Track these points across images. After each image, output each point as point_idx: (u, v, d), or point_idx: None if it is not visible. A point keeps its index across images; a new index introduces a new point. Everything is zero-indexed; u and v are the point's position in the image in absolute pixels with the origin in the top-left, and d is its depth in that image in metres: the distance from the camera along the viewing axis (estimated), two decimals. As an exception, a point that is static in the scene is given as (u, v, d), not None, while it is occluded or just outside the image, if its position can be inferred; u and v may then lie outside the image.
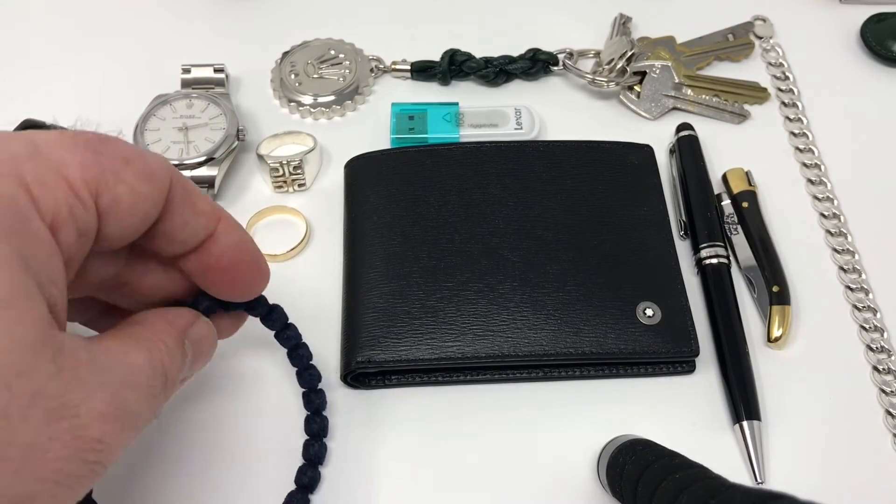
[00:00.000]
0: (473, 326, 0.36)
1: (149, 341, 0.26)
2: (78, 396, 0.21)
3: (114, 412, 0.22)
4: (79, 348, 0.22)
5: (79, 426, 0.21)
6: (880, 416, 0.36)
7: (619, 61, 0.46)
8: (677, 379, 0.37)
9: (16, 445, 0.19)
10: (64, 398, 0.20)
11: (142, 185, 0.24)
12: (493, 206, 0.39)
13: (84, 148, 0.23)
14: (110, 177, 0.23)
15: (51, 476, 0.20)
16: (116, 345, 0.24)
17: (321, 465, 0.34)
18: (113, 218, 0.24)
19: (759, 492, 0.25)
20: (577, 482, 0.34)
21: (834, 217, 0.42)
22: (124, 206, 0.24)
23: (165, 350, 0.26)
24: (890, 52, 0.48)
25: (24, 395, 0.19)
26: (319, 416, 0.35)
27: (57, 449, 0.20)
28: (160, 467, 0.34)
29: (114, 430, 0.22)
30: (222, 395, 0.36)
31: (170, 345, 0.26)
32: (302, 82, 0.46)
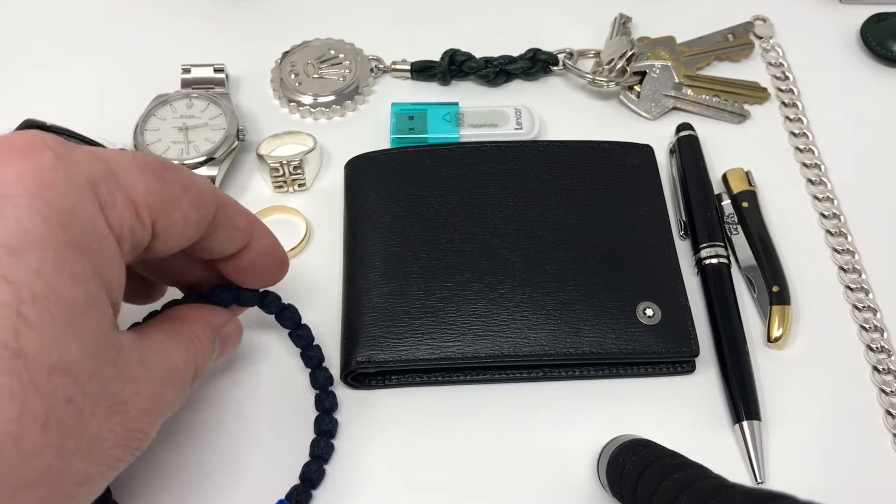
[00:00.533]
0: (473, 326, 0.36)
1: (188, 339, 0.28)
2: (129, 393, 0.24)
3: (154, 407, 0.25)
4: (132, 348, 0.25)
5: (128, 419, 0.24)
6: (880, 416, 0.36)
7: (619, 61, 0.46)
8: (677, 379, 0.37)
9: (85, 437, 0.22)
10: (119, 396, 0.23)
11: (193, 213, 0.27)
12: (493, 206, 0.39)
13: (151, 174, 0.25)
14: (170, 203, 0.26)
15: (106, 461, 0.23)
16: (162, 340, 0.27)
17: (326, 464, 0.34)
18: (163, 238, 0.26)
19: (759, 492, 0.25)
20: (577, 482, 0.34)
21: (834, 217, 0.42)
22: (176, 230, 0.26)
23: (200, 347, 0.29)
24: (890, 52, 0.48)
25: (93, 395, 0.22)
26: (329, 417, 0.35)
27: (112, 439, 0.23)
28: (168, 457, 0.34)
29: (152, 422, 0.25)
30: (228, 395, 0.36)
31: (205, 343, 0.29)
32: (302, 82, 0.46)
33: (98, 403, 0.22)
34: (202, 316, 0.30)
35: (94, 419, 0.22)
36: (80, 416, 0.22)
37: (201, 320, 0.30)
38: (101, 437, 0.23)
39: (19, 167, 0.22)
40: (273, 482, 0.34)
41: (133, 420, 0.24)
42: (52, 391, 0.21)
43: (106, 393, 0.23)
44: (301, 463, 0.34)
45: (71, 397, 0.21)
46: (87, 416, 0.22)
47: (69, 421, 0.21)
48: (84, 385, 0.22)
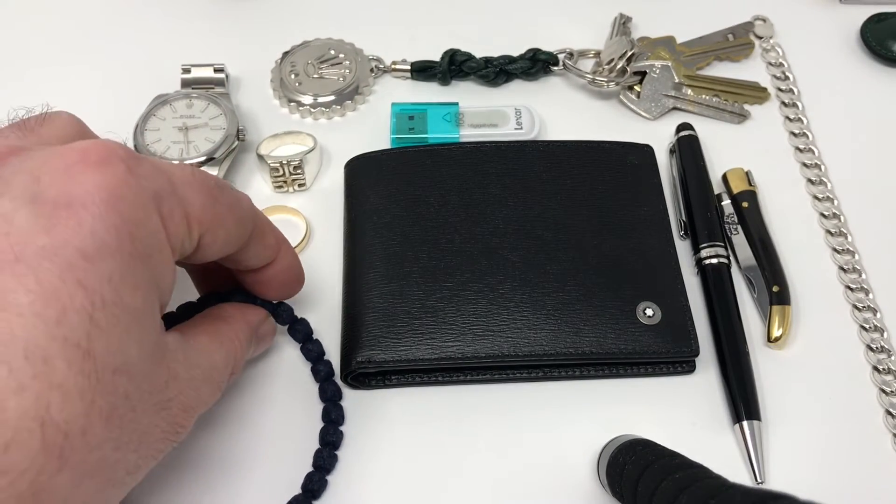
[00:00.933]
0: (473, 326, 0.36)
1: (230, 341, 0.30)
2: (174, 392, 0.26)
3: (194, 403, 0.27)
4: (178, 349, 0.27)
5: (171, 416, 0.26)
6: (880, 416, 0.36)
7: (619, 61, 0.46)
8: (677, 379, 0.37)
9: (137, 432, 0.24)
10: (166, 394, 0.25)
11: (235, 230, 0.29)
12: (493, 206, 0.39)
13: (207, 193, 0.27)
14: (217, 221, 0.28)
15: (151, 453, 0.26)
16: (205, 343, 0.29)
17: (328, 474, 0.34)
18: (205, 250, 0.28)
19: (759, 492, 0.25)
20: (577, 482, 0.34)
21: (834, 217, 0.42)
22: (218, 244, 0.28)
23: (239, 347, 0.31)
24: (890, 52, 0.48)
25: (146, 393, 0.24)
26: (335, 428, 0.35)
27: (157, 433, 0.25)
28: (172, 465, 0.34)
29: (191, 417, 0.27)
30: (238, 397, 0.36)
31: (244, 342, 0.31)
32: (302, 82, 0.46)
33: (149, 401, 0.24)
34: (243, 317, 0.32)
35: (145, 415, 0.24)
36: (134, 412, 0.24)
37: (242, 321, 0.32)
38: (149, 432, 0.25)
39: (96, 178, 0.23)
40: (275, 490, 0.34)
41: (175, 416, 0.26)
42: (115, 390, 0.23)
43: (155, 391, 0.25)
44: (303, 474, 0.34)
45: (129, 395, 0.23)
46: (140, 412, 0.24)
47: (126, 417, 0.23)
48: (140, 384, 0.24)
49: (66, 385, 0.21)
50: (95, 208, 0.23)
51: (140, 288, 0.24)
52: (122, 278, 0.23)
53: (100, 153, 0.24)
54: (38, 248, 0.22)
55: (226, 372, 0.30)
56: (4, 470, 0.20)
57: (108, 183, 0.23)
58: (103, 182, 0.23)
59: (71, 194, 0.23)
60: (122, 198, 0.23)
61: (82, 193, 0.23)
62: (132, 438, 0.24)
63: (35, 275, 0.21)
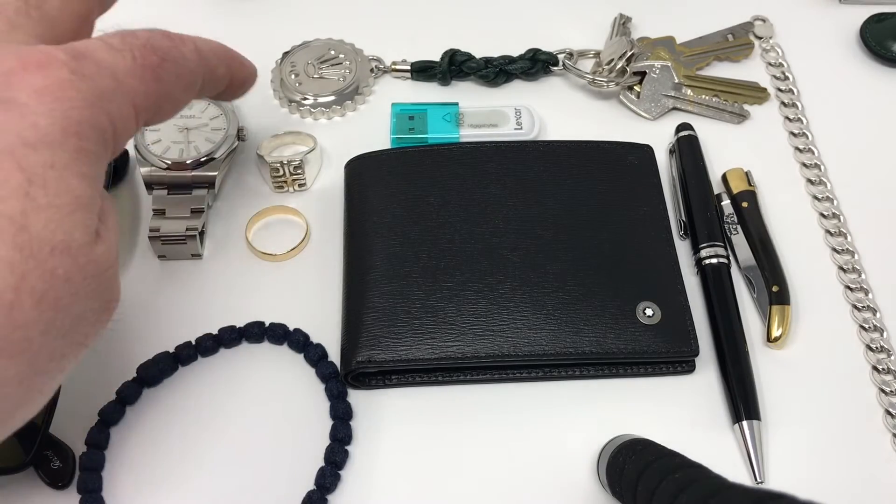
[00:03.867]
0: (473, 326, 0.36)
1: None
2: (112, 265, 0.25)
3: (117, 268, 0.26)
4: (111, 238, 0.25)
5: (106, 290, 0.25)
6: (880, 416, 0.36)
7: (619, 61, 0.46)
8: (677, 379, 0.37)
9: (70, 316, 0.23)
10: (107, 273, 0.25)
11: (184, 95, 0.30)
12: (493, 206, 0.39)
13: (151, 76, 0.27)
14: (163, 98, 0.28)
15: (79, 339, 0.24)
16: None
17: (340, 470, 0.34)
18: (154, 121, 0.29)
19: (759, 491, 0.25)
20: (577, 482, 0.34)
21: (834, 217, 0.42)
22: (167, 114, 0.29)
23: None
24: (890, 52, 0.48)
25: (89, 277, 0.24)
26: (345, 424, 0.35)
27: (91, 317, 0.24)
28: (184, 459, 0.34)
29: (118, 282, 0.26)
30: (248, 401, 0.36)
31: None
32: (302, 82, 0.46)
33: (91, 284, 0.24)
34: None
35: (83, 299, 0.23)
36: (74, 297, 0.23)
37: None
38: (83, 316, 0.24)
39: (37, 81, 0.23)
40: (290, 483, 0.34)
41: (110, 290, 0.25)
42: (52, 269, 0.22)
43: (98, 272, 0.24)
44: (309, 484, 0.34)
45: (70, 278, 0.23)
46: (80, 296, 0.23)
47: (63, 300, 0.23)
48: (84, 267, 0.23)
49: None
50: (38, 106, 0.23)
51: (87, 177, 0.24)
52: (66, 166, 0.23)
53: (39, 58, 0.24)
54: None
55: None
56: None
57: (49, 84, 0.23)
58: (44, 83, 0.23)
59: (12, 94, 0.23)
60: (67, 98, 0.24)
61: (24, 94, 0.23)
62: (63, 323, 0.23)
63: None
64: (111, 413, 0.35)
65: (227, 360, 0.37)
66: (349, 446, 0.35)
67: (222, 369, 0.37)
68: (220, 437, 0.35)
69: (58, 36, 0.28)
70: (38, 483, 0.34)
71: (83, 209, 0.23)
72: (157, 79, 0.27)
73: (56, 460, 0.34)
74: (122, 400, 0.36)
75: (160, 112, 0.29)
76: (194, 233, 0.39)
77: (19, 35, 0.26)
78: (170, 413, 0.36)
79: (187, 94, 0.30)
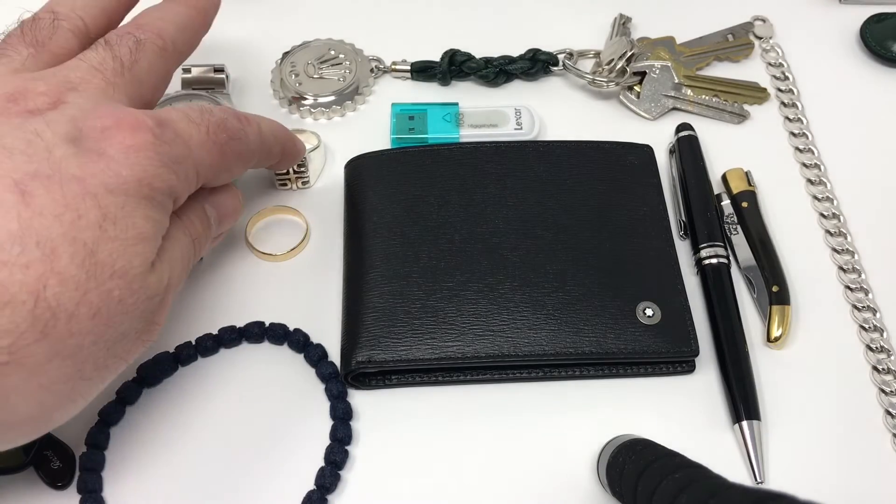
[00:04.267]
0: (473, 326, 0.36)
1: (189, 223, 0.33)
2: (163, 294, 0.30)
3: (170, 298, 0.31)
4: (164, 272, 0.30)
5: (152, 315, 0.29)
6: (880, 416, 0.36)
7: (618, 61, 0.46)
8: (677, 379, 0.37)
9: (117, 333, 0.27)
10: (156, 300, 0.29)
11: (239, 168, 0.35)
12: (492, 206, 0.39)
13: (218, 151, 0.32)
14: (223, 170, 0.33)
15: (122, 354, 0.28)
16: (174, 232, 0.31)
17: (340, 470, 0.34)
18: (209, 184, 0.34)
19: (759, 491, 0.25)
20: (577, 482, 0.34)
21: (834, 217, 0.42)
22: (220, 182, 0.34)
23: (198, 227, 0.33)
24: (890, 52, 0.48)
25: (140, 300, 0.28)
26: (345, 425, 0.35)
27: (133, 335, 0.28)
28: (185, 460, 0.34)
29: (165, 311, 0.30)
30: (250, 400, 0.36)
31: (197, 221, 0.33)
32: (302, 82, 0.46)
33: (140, 306, 0.28)
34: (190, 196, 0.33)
35: (131, 319, 0.28)
36: (124, 316, 0.27)
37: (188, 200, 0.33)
38: (127, 334, 0.28)
39: (126, 140, 0.28)
40: (289, 483, 0.34)
41: (155, 314, 0.29)
42: (109, 291, 0.26)
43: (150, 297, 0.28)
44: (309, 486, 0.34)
45: (122, 299, 0.27)
46: (129, 316, 0.27)
47: (115, 318, 0.27)
48: (136, 291, 0.27)
49: (65, 273, 0.25)
50: (123, 159, 0.28)
51: (151, 220, 0.28)
52: (135, 209, 0.28)
53: (131, 121, 0.29)
54: (70, 175, 0.26)
55: (193, 255, 0.33)
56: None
57: (135, 144, 0.28)
58: (132, 143, 0.28)
59: (104, 148, 0.28)
60: (147, 157, 0.28)
61: (114, 149, 0.28)
62: (111, 337, 0.27)
63: (62, 189, 0.26)
64: (111, 413, 0.35)
65: (227, 360, 0.37)
66: (349, 446, 0.35)
67: (222, 369, 0.37)
68: (220, 438, 0.35)
69: (143, 93, 0.33)
70: (38, 483, 0.34)
71: (143, 243, 0.28)
72: (221, 154, 0.32)
73: (56, 460, 0.34)
74: (122, 400, 0.36)
75: (217, 179, 0.34)
76: (194, 233, 0.39)
77: (114, 94, 0.31)
78: (170, 413, 0.36)
79: (243, 167, 0.35)
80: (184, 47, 0.36)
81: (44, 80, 0.30)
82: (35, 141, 0.27)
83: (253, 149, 0.35)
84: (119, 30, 0.34)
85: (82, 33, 0.33)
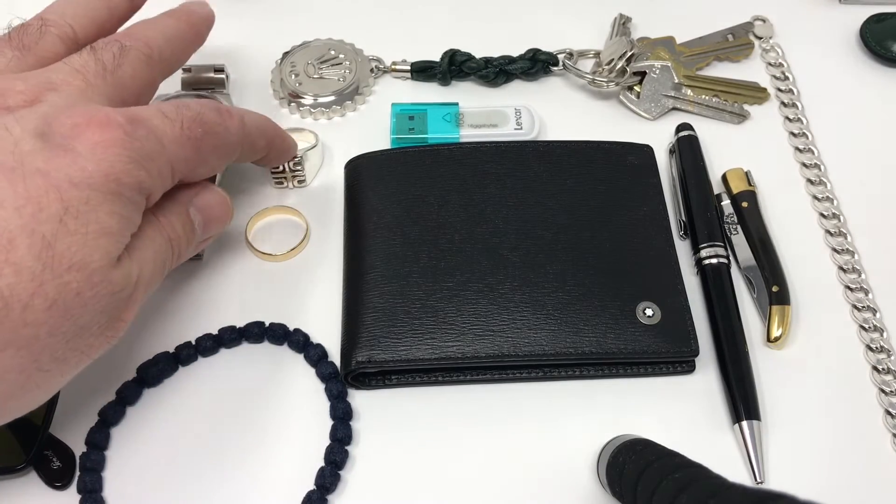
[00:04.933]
0: (473, 326, 0.36)
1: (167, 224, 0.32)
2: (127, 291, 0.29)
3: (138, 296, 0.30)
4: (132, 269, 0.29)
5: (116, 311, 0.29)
6: (880, 416, 0.36)
7: (618, 61, 0.46)
8: (677, 379, 0.37)
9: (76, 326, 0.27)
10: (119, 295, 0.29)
11: (218, 163, 0.34)
12: (492, 206, 0.39)
13: (192, 147, 0.32)
14: (199, 165, 0.33)
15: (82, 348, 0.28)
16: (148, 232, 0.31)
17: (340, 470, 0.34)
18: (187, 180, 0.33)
19: (759, 491, 0.25)
20: (577, 482, 0.34)
21: (834, 217, 0.42)
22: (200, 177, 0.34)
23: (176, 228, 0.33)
24: (890, 52, 0.48)
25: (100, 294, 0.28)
26: (345, 425, 0.35)
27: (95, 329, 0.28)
28: (187, 460, 0.34)
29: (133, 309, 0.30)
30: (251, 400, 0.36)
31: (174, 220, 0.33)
32: (302, 82, 0.46)
33: (101, 301, 0.28)
34: (170, 197, 0.33)
35: (90, 313, 0.27)
36: (83, 308, 0.27)
37: (169, 201, 0.33)
38: (87, 327, 0.28)
39: (95, 136, 0.28)
40: (289, 483, 0.34)
41: (120, 310, 0.29)
42: (66, 283, 0.26)
43: (111, 293, 0.28)
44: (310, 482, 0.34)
45: (80, 292, 0.27)
46: (89, 308, 0.27)
47: (73, 311, 0.27)
48: (96, 286, 0.27)
49: (21, 264, 0.25)
50: (90, 155, 0.28)
51: (117, 215, 0.28)
52: (100, 204, 0.27)
53: (101, 119, 0.28)
54: (35, 168, 0.27)
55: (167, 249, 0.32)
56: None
57: (104, 140, 0.28)
58: (100, 139, 0.28)
59: (72, 144, 0.28)
60: (115, 153, 0.28)
61: (82, 145, 0.28)
62: (69, 330, 0.27)
63: (25, 182, 0.26)
64: (111, 413, 0.35)
65: (227, 360, 0.37)
66: (349, 446, 0.35)
67: (222, 369, 0.37)
68: (221, 438, 0.35)
69: (125, 98, 0.32)
70: (38, 483, 0.34)
71: (106, 238, 0.27)
72: (196, 148, 0.32)
73: (56, 460, 0.34)
74: (123, 400, 0.36)
75: (194, 174, 0.33)
76: (194, 233, 0.39)
77: (93, 95, 0.31)
78: (170, 413, 0.36)
79: (222, 161, 0.34)
80: (171, 58, 0.36)
81: (24, 80, 0.30)
82: (3, 135, 0.27)
83: (233, 142, 0.34)
84: (107, 37, 0.34)
85: (70, 40, 0.34)
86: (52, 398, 0.34)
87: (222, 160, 0.34)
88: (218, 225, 0.36)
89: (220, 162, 0.34)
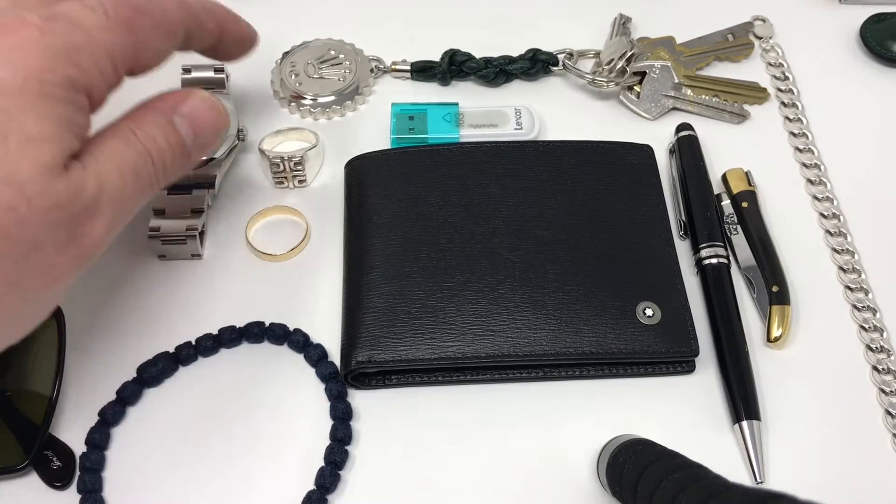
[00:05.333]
0: (473, 326, 0.36)
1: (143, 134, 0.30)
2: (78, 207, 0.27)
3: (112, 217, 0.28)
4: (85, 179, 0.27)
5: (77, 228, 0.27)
6: (880, 416, 0.36)
7: (618, 61, 0.46)
8: (677, 379, 0.37)
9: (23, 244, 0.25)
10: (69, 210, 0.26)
11: (164, 44, 0.31)
12: (493, 206, 0.39)
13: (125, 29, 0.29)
14: (141, 48, 0.30)
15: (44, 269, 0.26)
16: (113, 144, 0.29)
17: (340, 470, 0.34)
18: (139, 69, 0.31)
19: (759, 491, 0.25)
20: (577, 482, 0.34)
21: (834, 217, 0.42)
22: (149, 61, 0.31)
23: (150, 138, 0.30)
24: (890, 52, 0.48)
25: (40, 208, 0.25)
26: (345, 425, 0.35)
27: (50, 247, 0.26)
28: (188, 461, 0.34)
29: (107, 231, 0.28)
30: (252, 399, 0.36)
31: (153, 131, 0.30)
32: (302, 82, 0.46)
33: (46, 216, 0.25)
34: (148, 106, 0.31)
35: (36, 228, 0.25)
36: (21, 225, 0.25)
37: (146, 110, 0.31)
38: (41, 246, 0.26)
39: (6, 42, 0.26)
40: (290, 483, 0.34)
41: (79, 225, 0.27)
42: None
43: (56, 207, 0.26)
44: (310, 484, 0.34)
45: (13, 207, 0.25)
46: (31, 224, 0.25)
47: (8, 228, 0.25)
48: (31, 199, 0.25)
49: None
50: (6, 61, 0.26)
51: (49, 118, 0.26)
52: (22, 110, 0.25)
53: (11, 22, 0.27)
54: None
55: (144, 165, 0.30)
56: None
57: (15, 43, 0.26)
58: (12, 43, 0.26)
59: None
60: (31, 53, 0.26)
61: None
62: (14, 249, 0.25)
63: None
64: (111, 413, 0.35)
65: (227, 360, 0.37)
66: (349, 446, 0.35)
67: (222, 369, 0.37)
68: (221, 438, 0.35)
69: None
70: (38, 483, 0.34)
71: (34, 146, 0.25)
72: (130, 31, 0.29)
73: (56, 460, 0.34)
74: (123, 400, 0.36)
75: (140, 61, 0.30)
76: (194, 233, 0.39)
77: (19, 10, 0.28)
78: (170, 413, 0.36)
79: (167, 42, 0.31)
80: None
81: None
82: None
83: (174, 19, 0.32)
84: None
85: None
86: (52, 398, 0.34)
87: (166, 41, 0.31)
88: (210, 131, 0.33)
89: (164, 43, 0.31)
